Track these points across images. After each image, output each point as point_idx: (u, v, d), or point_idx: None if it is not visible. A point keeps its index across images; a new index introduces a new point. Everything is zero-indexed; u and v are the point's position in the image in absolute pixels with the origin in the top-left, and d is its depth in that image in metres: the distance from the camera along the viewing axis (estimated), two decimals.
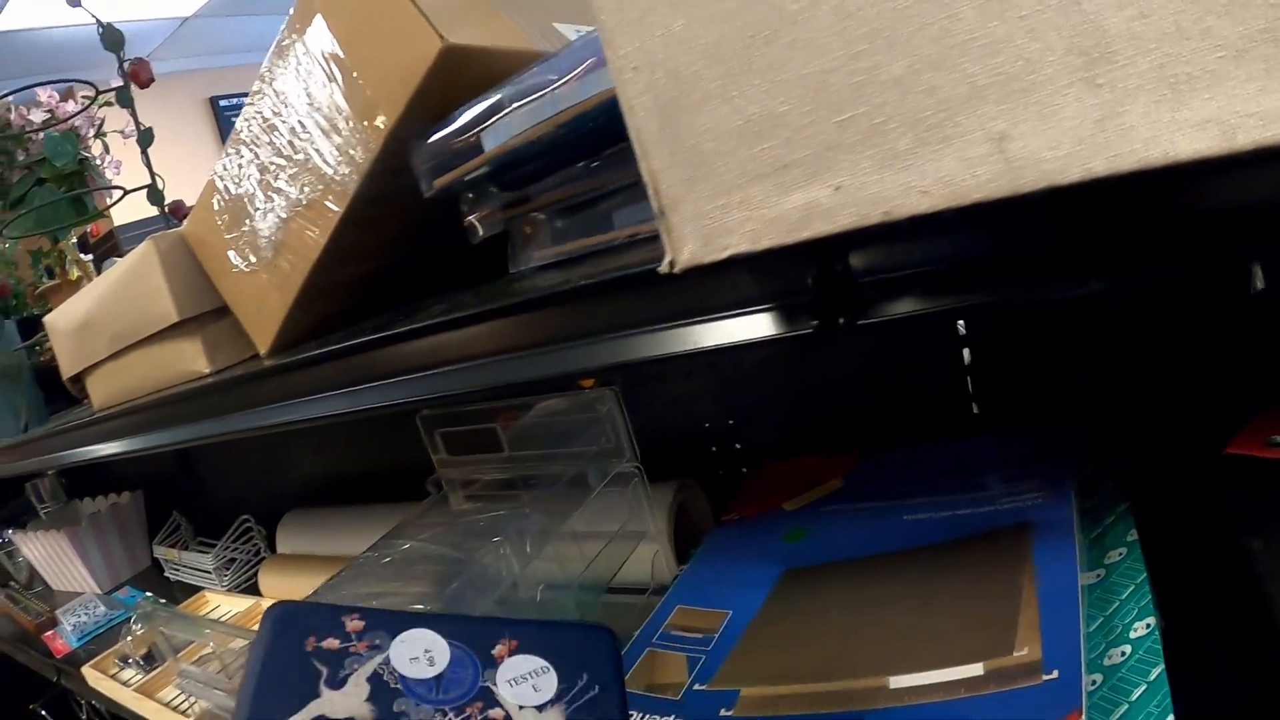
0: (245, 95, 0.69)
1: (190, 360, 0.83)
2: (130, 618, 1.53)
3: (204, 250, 0.78)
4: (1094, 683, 0.50)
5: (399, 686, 0.45)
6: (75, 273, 1.60)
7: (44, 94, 1.58)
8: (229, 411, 0.78)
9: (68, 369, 1.07)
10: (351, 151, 0.60)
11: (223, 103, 5.74)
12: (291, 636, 0.46)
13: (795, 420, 0.98)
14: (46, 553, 2.00)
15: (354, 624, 0.47)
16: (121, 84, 1.46)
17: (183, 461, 1.95)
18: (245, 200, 0.71)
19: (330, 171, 0.62)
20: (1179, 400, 0.73)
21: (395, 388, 0.61)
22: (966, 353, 0.82)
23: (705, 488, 1.02)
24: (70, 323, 1.01)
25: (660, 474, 0.93)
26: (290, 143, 0.65)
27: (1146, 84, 0.24)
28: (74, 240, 1.73)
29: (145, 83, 1.47)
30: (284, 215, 0.67)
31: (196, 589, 1.60)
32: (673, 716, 0.62)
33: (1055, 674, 0.51)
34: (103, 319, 0.92)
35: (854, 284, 0.35)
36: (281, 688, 0.44)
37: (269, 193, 0.68)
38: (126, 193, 1.51)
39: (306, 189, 0.64)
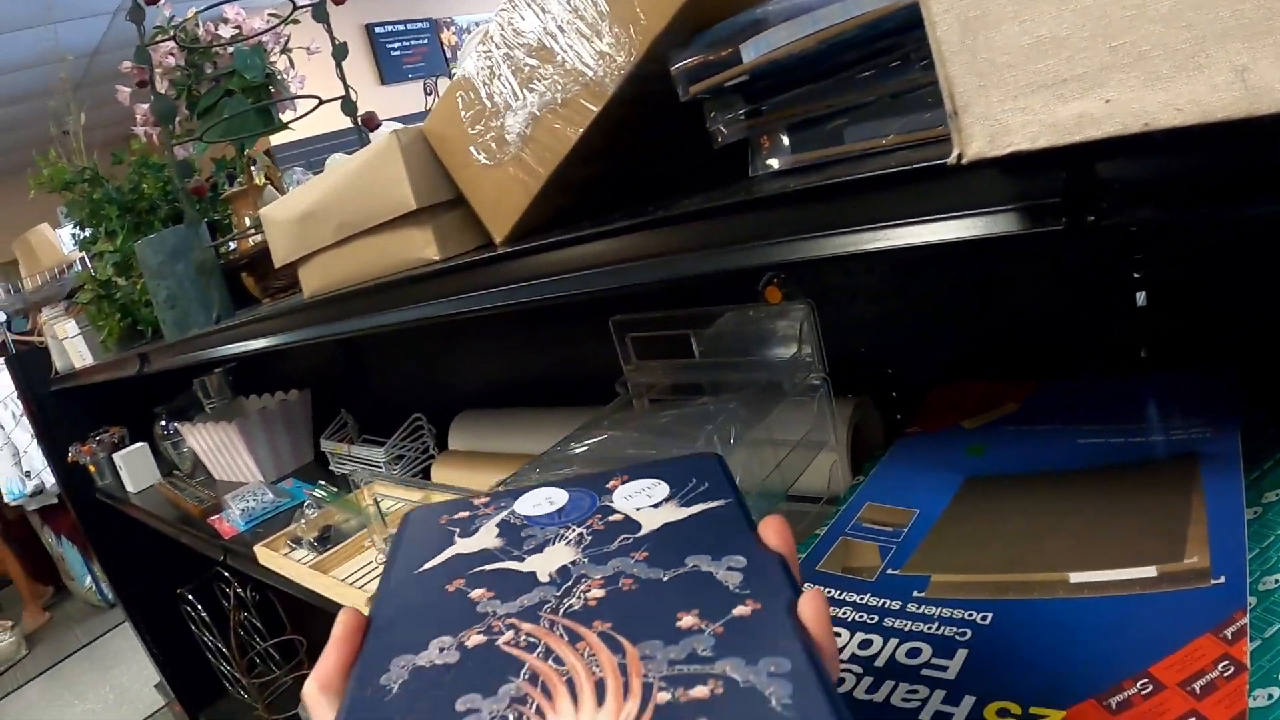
0: (399, 23, 0.79)
1: (420, 248, 0.96)
2: (304, 502, 1.72)
3: (444, 145, 0.91)
4: (1250, 604, 0.58)
5: (524, 523, 0.51)
6: (261, 178, 1.77)
7: (231, 10, 1.75)
8: (460, 292, 0.91)
9: (282, 257, 1.22)
10: (613, 55, 0.71)
11: (378, 29, 6.02)
12: (427, 519, 0.53)
13: (969, 349, 1.07)
14: (213, 444, 2.22)
15: (480, 500, 0.54)
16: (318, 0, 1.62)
17: (351, 362, 2.13)
18: (495, 98, 0.83)
19: (590, 73, 0.73)
20: None
21: (630, 271, 0.72)
22: (1141, 296, 0.89)
23: (878, 406, 1.12)
24: (291, 213, 1.16)
25: (837, 389, 1.03)
26: (548, 46, 0.76)
27: None
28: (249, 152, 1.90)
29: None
30: (536, 112, 0.79)
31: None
32: (869, 594, 0.74)
33: (1222, 579, 0.61)
34: (331, 208, 1.06)
35: (1104, 188, 0.44)
36: (421, 549, 0.49)
37: (523, 91, 0.80)
38: (322, 102, 1.67)
39: (562, 89, 0.76)
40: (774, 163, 0.69)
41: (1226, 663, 0.53)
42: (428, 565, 0.48)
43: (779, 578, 0.41)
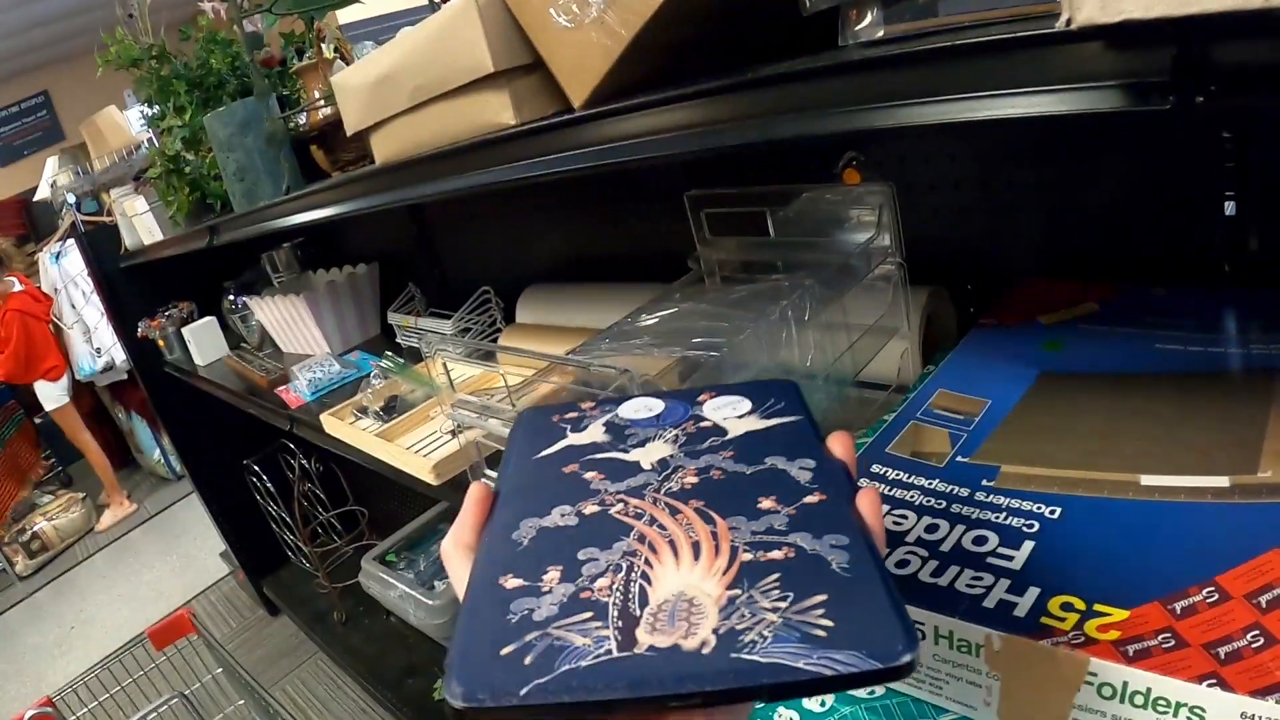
0: None
1: (496, 112, 0.95)
2: (370, 373, 1.74)
3: (522, 7, 0.89)
4: None
5: (627, 424, 0.58)
6: (330, 51, 1.75)
7: None
8: (537, 156, 0.90)
9: (355, 124, 1.22)
10: None
11: None
12: (540, 417, 0.61)
13: (1048, 246, 1.05)
14: (281, 317, 2.25)
15: (587, 405, 0.61)
16: None
17: (419, 236, 2.14)
18: None
19: None
20: None
21: (712, 135, 0.71)
22: (1230, 205, 0.86)
23: (953, 297, 1.11)
24: (365, 79, 1.15)
25: (912, 277, 1.02)
26: None
27: None
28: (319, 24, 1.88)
29: None
30: None
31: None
32: (937, 480, 0.73)
33: None
34: (406, 73, 1.05)
35: (1214, 70, 0.41)
36: (536, 441, 0.57)
37: None
38: None
39: None
40: (864, 33, 0.67)
41: None
42: (544, 453, 0.56)
43: (842, 478, 0.50)
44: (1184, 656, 0.50)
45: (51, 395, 5.05)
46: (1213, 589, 0.54)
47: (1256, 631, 0.50)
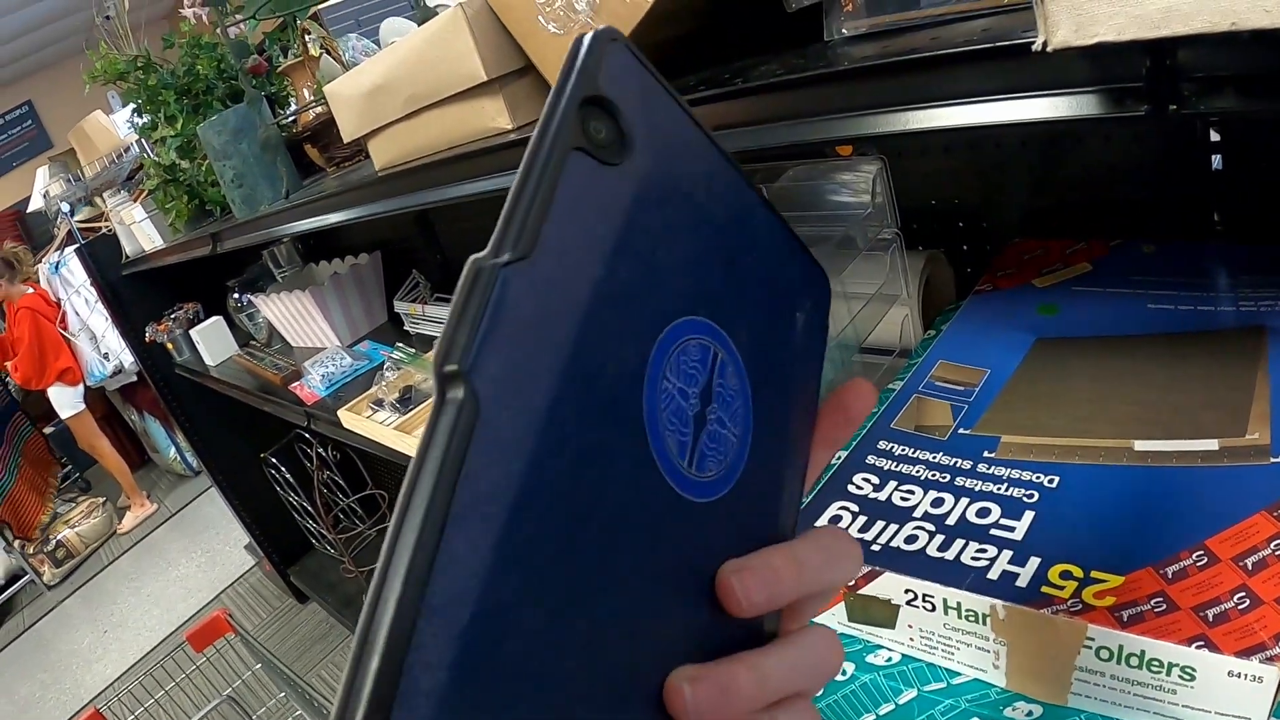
0: None
1: (491, 118, 0.98)
2: (382, 364, 1.78)
3: (510, 14, 0.92)
4: None
5: None
6: (316, 49, 1.77)
7: None
8: None
9: (351, 132, 1.24)
10: None
11: None
12: None
13: (1041, 206, 1.07)
14: (288, 312, 2.28)
15: None
16: None
17: (420, 222, 2.16)
18: None
19: None
20: None
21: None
22: (1217, 159, 0.88)
23: (949, 259, 1.14)
24: (358, 88, 1.17)
25: (907, 241, 1.05)
26: None
27: None
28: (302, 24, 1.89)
29: None
30: None
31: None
32: (941, 453, 0.76)
33: None
34: (400, 82, 1.08)
35: (1185, 77, 0.44)
36: None
37: None
38: None
39: None
40: (848, 28, 0.70)
41: (1279, 542, 0.56)
42: None
43: None
44: (1175, 620, 0.54)
45: (68, 402, 5.09)
46: (1202, 553, 0.57)
47: (1243, 593, 0.53)
